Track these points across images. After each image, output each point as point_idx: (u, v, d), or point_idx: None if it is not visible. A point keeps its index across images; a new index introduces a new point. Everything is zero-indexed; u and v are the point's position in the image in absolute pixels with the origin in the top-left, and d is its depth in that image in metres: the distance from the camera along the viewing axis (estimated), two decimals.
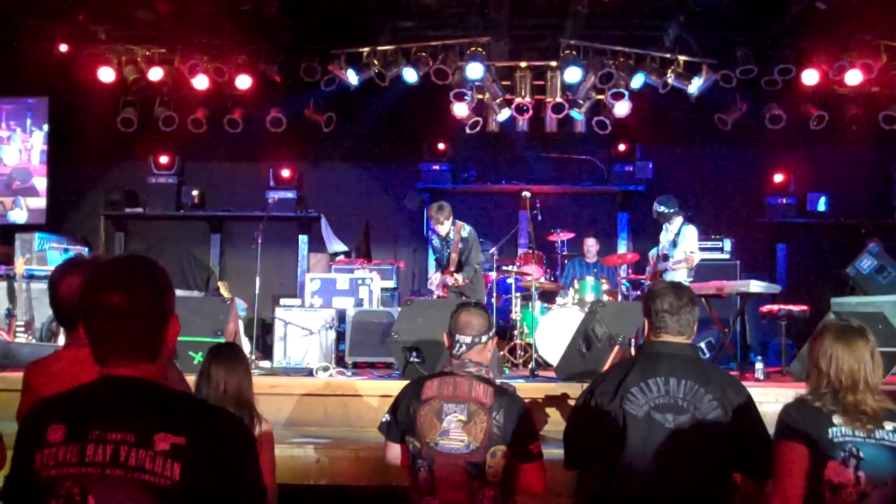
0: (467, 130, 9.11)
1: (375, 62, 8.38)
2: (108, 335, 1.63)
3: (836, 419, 2.53)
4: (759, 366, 6.07)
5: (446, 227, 6.89)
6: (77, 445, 1.55)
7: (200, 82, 8.67)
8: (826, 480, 2.49)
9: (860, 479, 2.47)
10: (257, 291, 6.79)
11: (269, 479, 3.08)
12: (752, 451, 2.66)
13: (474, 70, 8.13)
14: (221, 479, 1.56)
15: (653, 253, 7.51)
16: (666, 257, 7.16)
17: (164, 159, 9.97)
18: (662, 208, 7.21)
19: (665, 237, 7.30)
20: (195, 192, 10.00)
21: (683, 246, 7.06)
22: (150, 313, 1.65)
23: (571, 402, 4.45)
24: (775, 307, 6.73)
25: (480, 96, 8.91)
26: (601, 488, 2.79)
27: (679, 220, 7.21)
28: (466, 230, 6.94)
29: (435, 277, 7.18)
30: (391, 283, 8.80)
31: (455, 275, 6.90)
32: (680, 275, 7.03)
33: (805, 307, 6.69)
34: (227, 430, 1.64)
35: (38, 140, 9.74)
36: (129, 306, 1.62)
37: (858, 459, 2.48)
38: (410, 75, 8.41)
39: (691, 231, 7.15)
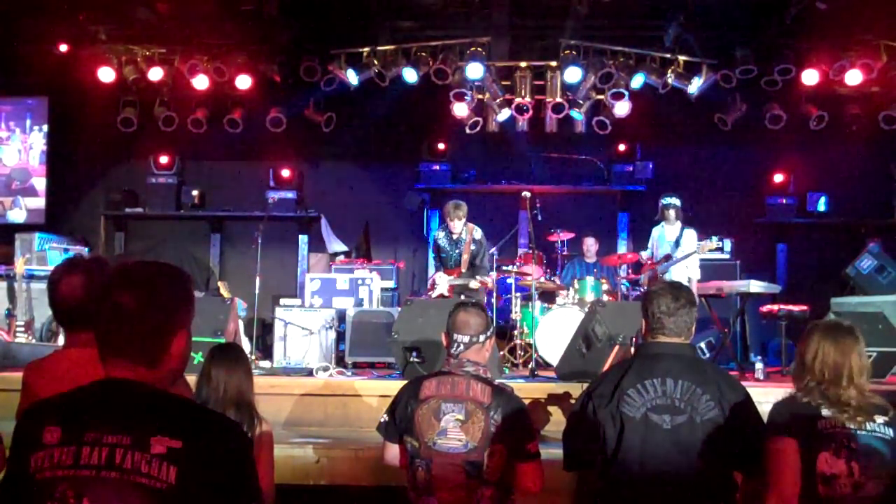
0: (467, 130, 9.10)
1: (375, 62, 8.38)
2: (110, 333, 1.64)
3: (824, 411, 2.53)
4: (759, 366, 6.07)
5: (460, 225, 6.89)
6: (72, 447, 1.55)
7: (200, 82, 8.67)
8: (819, 472, 2.49)
9: (853, 470, 2.47)
10: (257, 291, 6.79)
11: (268, 480, 3.08)
12: (752, 450, 2.65)
13: (474, 70, 8.13)
14: (217, 484, 1.56)
15: (646, 255, 7.49)
16: (668, 257, 7.16)
17: (164, 159, 9.95)
18: (676, 200, 7.24)
19: (662, 237, 7.31)
20: (195, 192, 9.99)
21: (687, 248, 7.10)
22: (155, 317, 1.64)
23: (572, 402, 4.44)
24: (775, 307, 6.73)
25: (480, 96, 8.91)
26: (601, 488, 2.79)
27: (679, 221, 7.25)
28: (479, 232, 6.95)
29: (438, 277, 7.15)
30: (391, 283, 8.79)
31: (480, 278, 6.87)
32: (681, 273, 7.05)
33: (805, 307, 6.69)
34: (223, 434, 1.63)
35: (37, 140, 9.75)
36: (135, 308, 1.62)
37: (850, 450, 2.49)
38: (410, 75, 8.41)
39: (693, 234, 7.22)
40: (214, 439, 1.60)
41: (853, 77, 8.16)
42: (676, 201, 7.27)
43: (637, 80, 8.37)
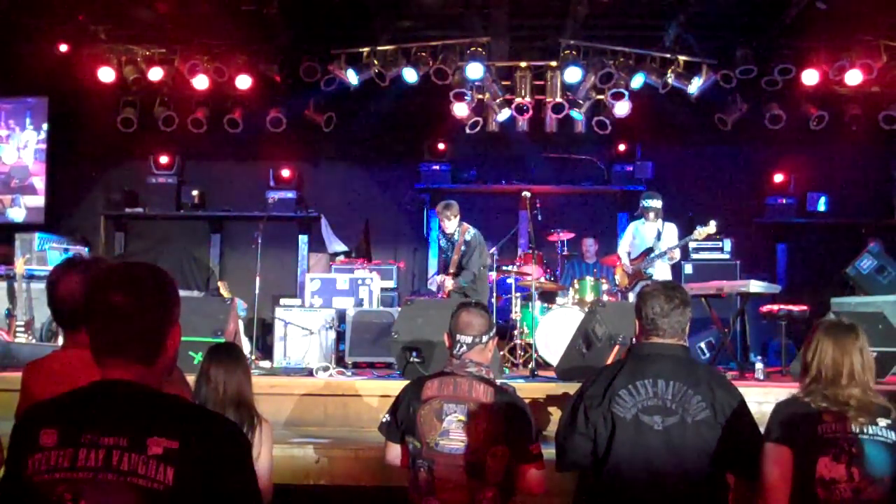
0: (467, 130, 9.10)
1: (375, 62, 8.38)
2: (107, 335, 1.63)
3: (826, 416, 2.52)
4: (759, 366, 6.06)
5: (453, 225, 6.89)
6: (69, 450, 1.54)
7: (200, 82, 8.66)
8: (818, 477, 2.48)
9: (853, 475, 2.47)
10: (257, 291, 6.78)
11: (267, 479, 3.08)
12: (743, 452, 2.65)
13: (474, 70, 8.13)
14: (214, 484, 1.55)
15: (625, 254, 7.46)
16: (650, 251, 7.19)
17: (164, 159, 9.97)
18: (658, 202, 7.26)
19: (641, 234, 7.34)
20: (195, 192, 10.01)
21: (669, 241, 7.15)
22: (152, 317, 1.65)
23: None
24: (775, 307, 6.73)
25: (480, 96, 8.91)
26: (594, 489, 2.78)
27: (659, 219, 7.33)
28: (471, 233, 6.93)
29: (437, 279, 7.18)
30: (391, 283, 8.80)
31: (448, 278, 6.88)
32: (663, 270, 7.11)
33: (805, 307, 6.69)
34: (221, 434, 1.63)
35: (37, 139, 9.74)
36: (132, 308, 1.62)
37: (850, 455, 2.48)
38: (410, 75, 8.41)
39: (674, 228, 7.27)
40: (212, 440, 1.60)
41: (853, 77, 8.16)
42: (658, 203, 7.27)
43: (637, 80, 8.37)
